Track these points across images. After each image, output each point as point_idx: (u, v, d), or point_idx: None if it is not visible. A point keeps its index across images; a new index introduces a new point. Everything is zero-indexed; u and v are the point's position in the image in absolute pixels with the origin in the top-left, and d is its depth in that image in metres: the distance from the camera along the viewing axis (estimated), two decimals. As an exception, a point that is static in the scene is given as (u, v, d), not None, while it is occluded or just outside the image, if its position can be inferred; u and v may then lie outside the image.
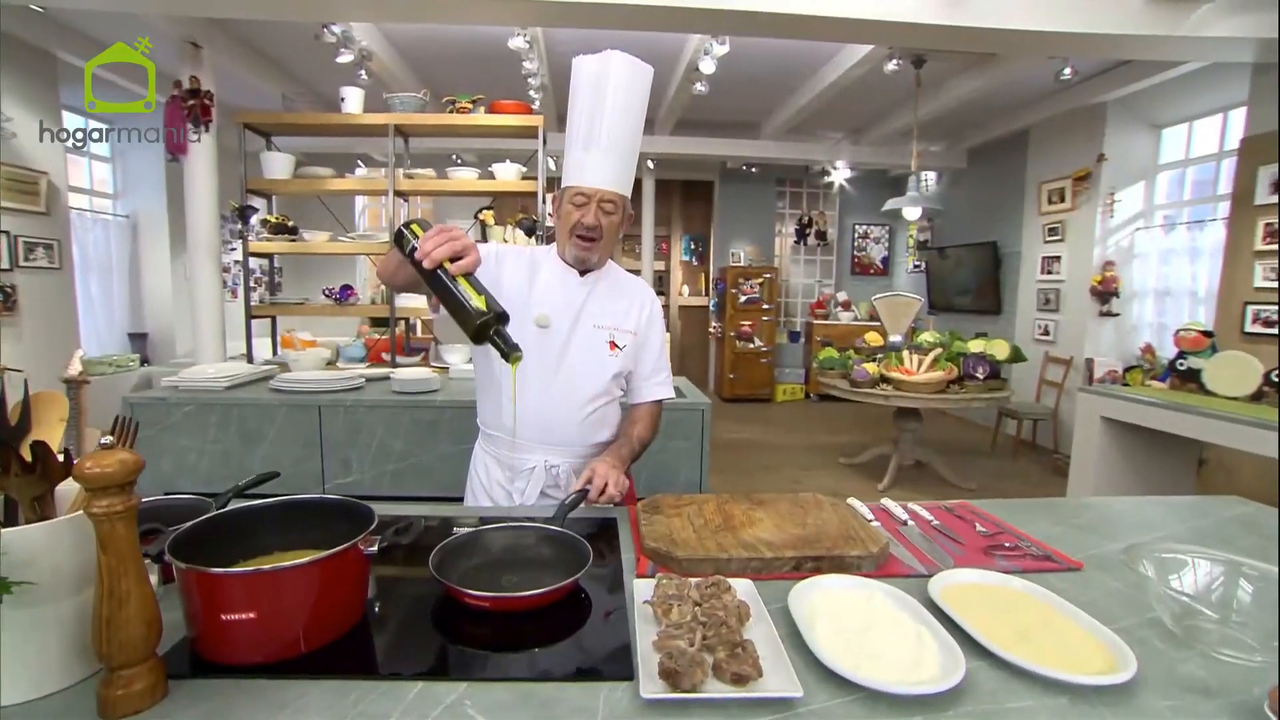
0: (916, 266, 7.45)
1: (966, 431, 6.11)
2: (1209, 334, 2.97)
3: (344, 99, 3.33)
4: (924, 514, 1.18)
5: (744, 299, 7.38)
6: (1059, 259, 5.17)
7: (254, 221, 3.29)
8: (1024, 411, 4.99)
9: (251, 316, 3.35)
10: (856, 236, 8.05)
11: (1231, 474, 3.69)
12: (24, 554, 0.60)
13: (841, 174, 7.12)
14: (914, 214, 4.70)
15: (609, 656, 0.72)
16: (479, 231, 3.84)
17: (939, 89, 4.76)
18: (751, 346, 7.37)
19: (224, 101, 3.64)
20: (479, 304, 0.93)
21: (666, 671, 0.65)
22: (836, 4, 2.86)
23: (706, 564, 0.93)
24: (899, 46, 3.75)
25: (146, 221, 5.20)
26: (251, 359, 3.37)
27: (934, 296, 6.83)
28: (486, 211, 3.64)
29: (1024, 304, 5.64)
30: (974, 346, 4.11)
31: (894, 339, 4.47)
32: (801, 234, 7.91)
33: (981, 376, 3.94)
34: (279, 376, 2.40)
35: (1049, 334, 5.31)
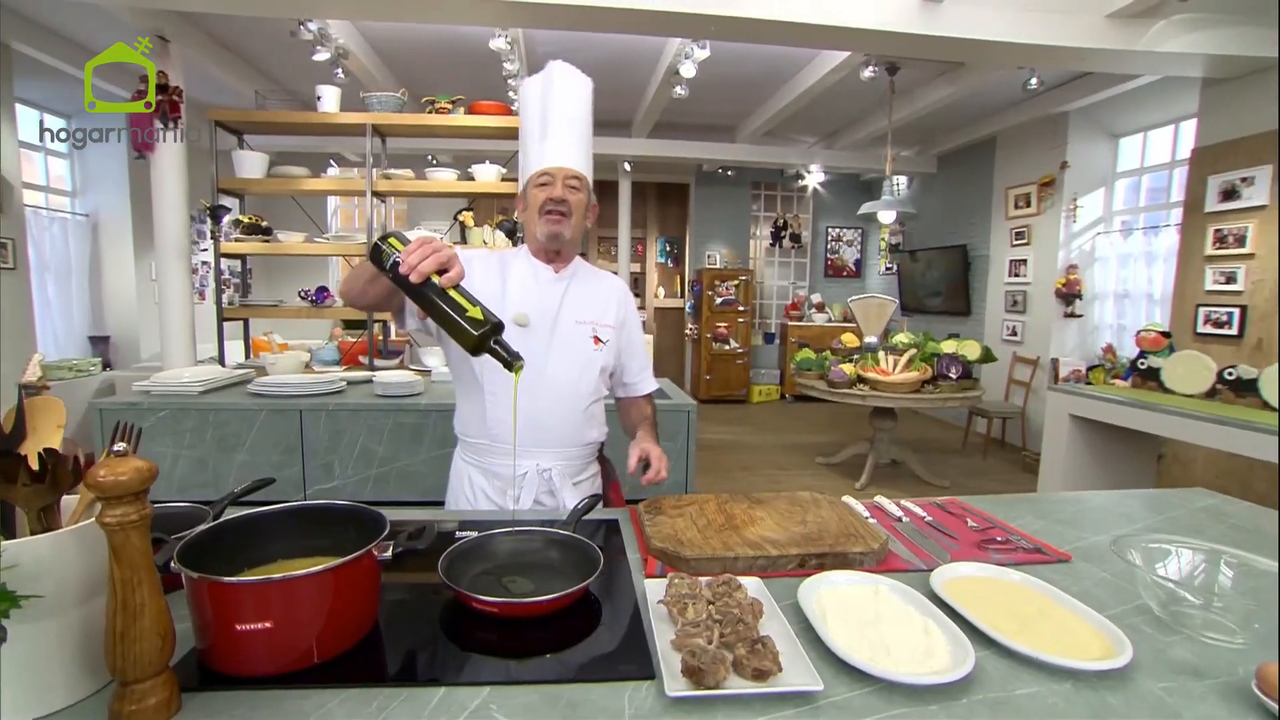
0: (888, 269, 7.62)
1: (938, 430, 6.27)
2: (1167, 334, 3.11)
3: (320, 97, 3.27)
4: (917, 510, 1.21)
5: (720, 301, 7.46)
6: (1025, 262, 5.35)
7: (226, 222, 3.20)
8: (994, 410, 5.13)
9: (224, 319, 3.26)
10: (830, 239, 8.19)
11: (1187, 467, 3.87)
12: (31, 566, 0.58)
13: (815, 178, 7.25)
14: (888, 217, 4.81)
15: (629, 657, 0.72)
16: (459, 233, 3.81)
17: (911, 96, 4.89)
18: (727, 348, 7.44)
19: (193, 99, 3.53)
20: (476, 315, 0.90)
21: (690, 669, 0.65)
22: (817, 11, 2.92)
23: (714, 563, 0.94)
24: (875, 54, 3.84)
25: (108, 221, 5.00)
26: (223, 362, 3.28)
27: (906, 298, 6.99)
28: (466, 213, 3.60)
29: (992, 306, 5.81)
30: (947, 347, 4.22)
31: (870, 340, 4.56)
32: (776, 237, 8.02)
33: (954, 376, 4.05)
34: (257, 380, 2.34)
35: (1016, 334, 5.49)
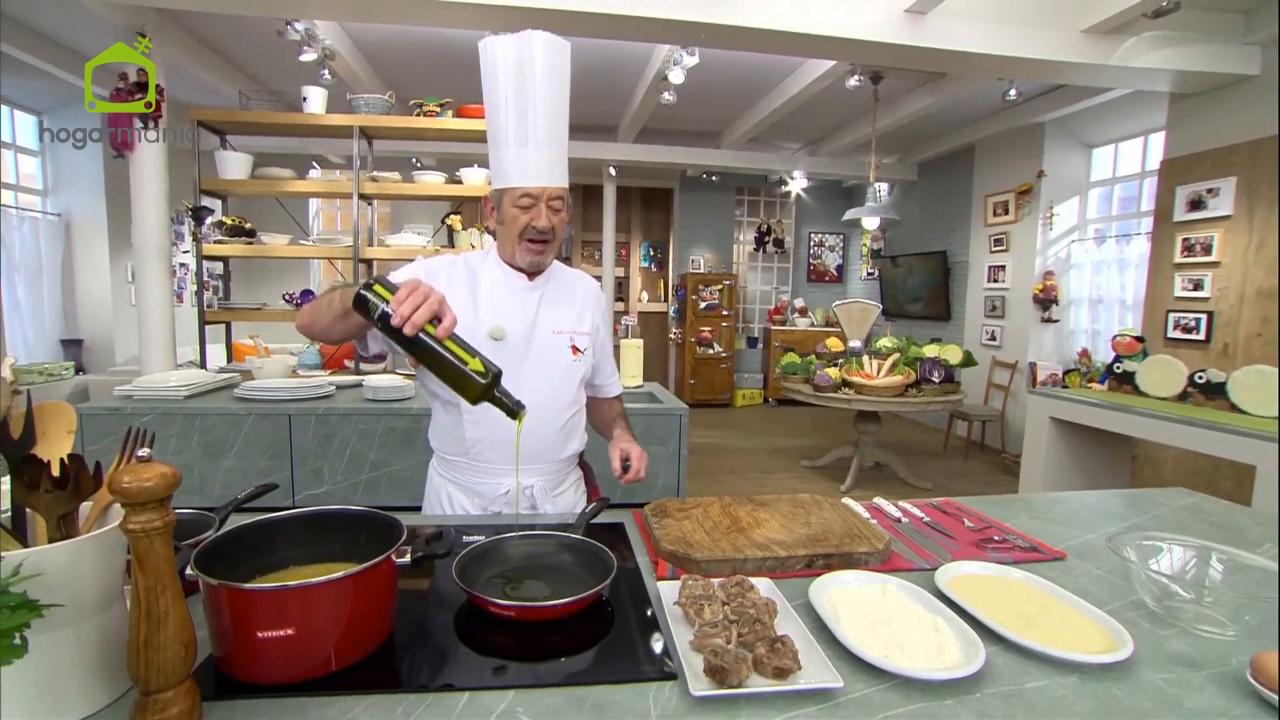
0: (870, 274, 7.74)
1: (920, 434, 6.37)
2: (1141, 339, 3.21)
3: (306, 98, 3.23)
4: (915, 511, 1.24)
5: (704, 305, 7.50)
6: (1004, 268, 5.47)
7: (208, 223, 3.15)
8: (974, 413, 5.24)
9: (205, 322, 3.20)
10: (812, 244, 8.30)
11: (1158, 467, 3.99)
12: (51, 574, 0.57)
13: (799, 184, 7.34)
14: (872, 224, 4.89)
15: (649, 658, 0.73)
16: (446, 236, 3.78)
17: (894, 104, 4.99)
18: (711, 352, 7.48)
19: (173, 98, 3.46)
20: (477, 367, 0.86)
21: (713, 669, 0.66)
22: (806, 20, 2.97)
23: (724, 564, 0.95)
24: (861, 63, 3.92)
25: (82, 221, 4.87)
26: (205, 366, 3.22)
27: (887, 303, 7.10)
28: (454, 216, 3.59)
29: (972, 311, 5.93)
30: (929, 351, 4.30)
31: (854, 344, 4.62)
32: (760, 242, 8.10)
33: (937, 380, 4.13)
34: (244, 385, 2.30)
35: (995, 339, 5.61)
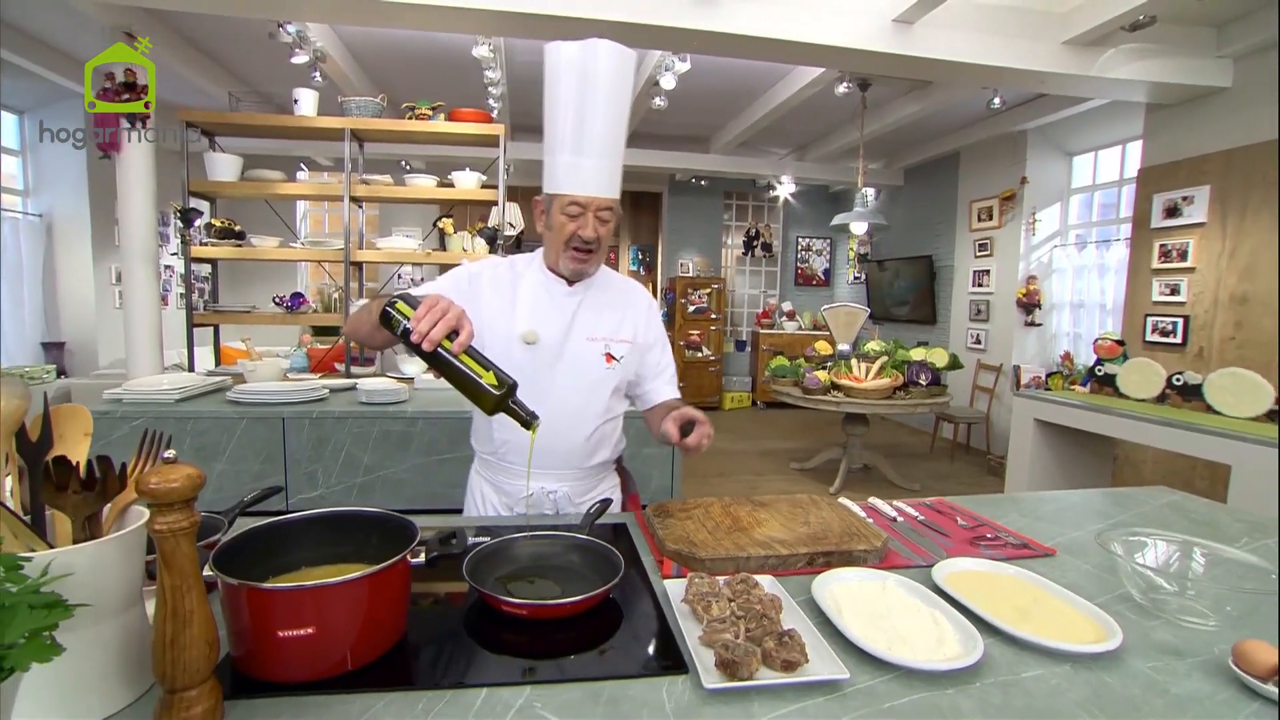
0: (857, 278, 7.83)
1: (907, 435, 6.45)
2: (1121, 342, 3.29)
3: (297, 101, 3.22)
4: (910, 511, 1.27)
5: (693, 309, 7.54)
6: (988, 273, 5.57)
7: (197, 225, 3.12)
8: (960, 416, 5.32)
9: (194, 325, 3.17)
10: (800, 249, 8.38)
11: (1138, 468, 4.08)
12: (79, 575, 0.58)
13: (786, 188, 7.41)
14: (860, 228, 4.95)
15: (660, 653, 0.75)
16: (438, 240, 3.78)
17: (881, 111, 5.06)
18: (700, 355, 7.52)
19: (161, 99, 3.43)
20: (490, 380, 0.90)
21: (724, 663, 0.69)
22: (797, 28, 3.02)
23: (728, 563, 0.97)
24: (849, 70, 3.98)
25: (64, 222, 4.79)
26: (192, 369, 3.19)
27: (874, 307, 7.19)
28: (446, 220, 3.59)
29: (957, 314, 6.03)
30: (916, 355, 4.37)
31: (842, 348, 4.68)
32: (748, 246, 8.16)
33: (924, 383, 4.19)
34: (236, 388, 2.29)
35: (980, 342, 5.70)
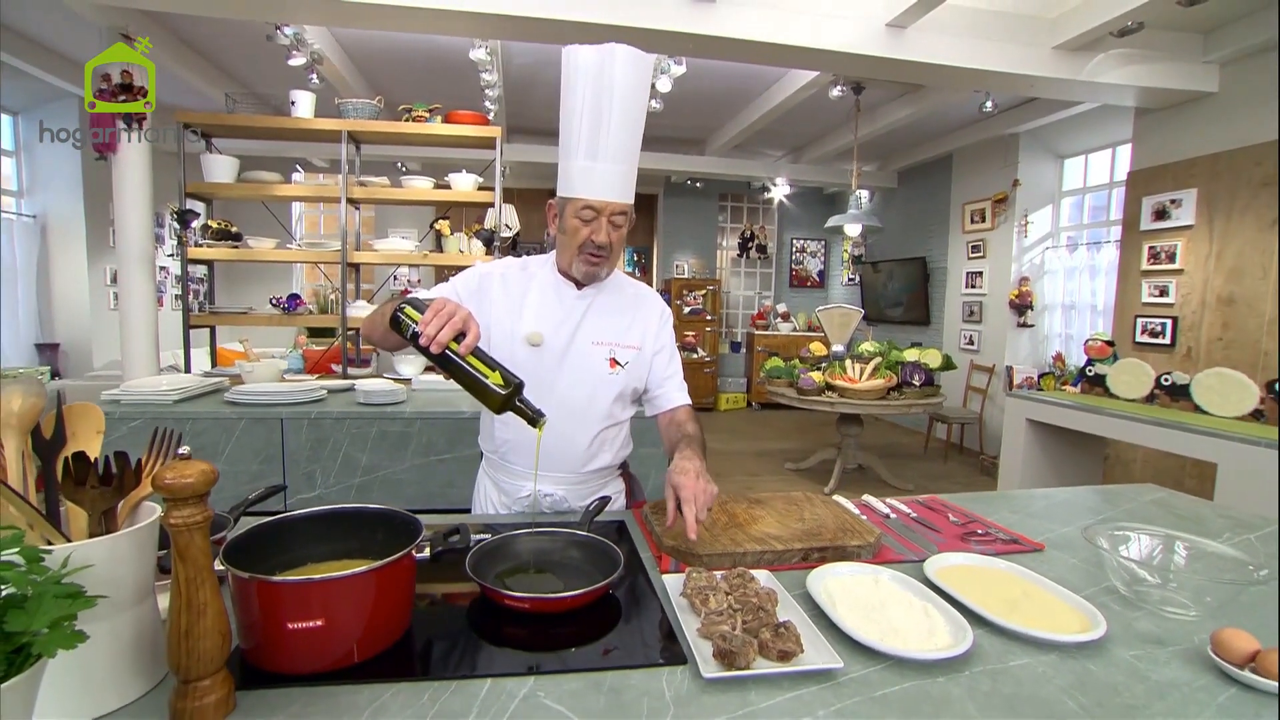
0: (851, 280, 7.87)
1: (900, 436, 6.49)
2: (1111, 343, 3.33)
3: (294, 102, 3.22)
4: (902, 507, 1.30)
5: (688, 310, 7.58)
6: (981, 274, 5.62)
7: (194, 227, 3.12)
8: (953, 416, 5.36)
9: (190, 326, 3.17)
10: (794, 250, 8.42)
11: (1128, 466, 4.13)
12: (97, 567, 0.59)
13: (781, 190, 7.45)
14: (854, 230, 4.99)
15: (660, 645, 0.77)
16: (434, 241, 3.80)
17: (875, 114, 5.11)
18: (695, 356, 7.55)
19: (158, 100, 3.43)
20: (496, 380, 0.93)
21: (722, 653, 0.71)
22: (791, 32, 3.06)
23: (725, 558, 0.99)
24: (843, 74, 4.02)
25: (59, 223, 4.77)
26: (189, 370, 3.19)
27: (868, 308, 7.23)
28: (443, 221, 3.60)
29: (950, 315, 6.08)
30: (910, 355, 4.41)
31: (837, 349, 4.71)
32: (743, 247, 8.20)
33: (918, 383, 4.23)
34: (234, 389, 2.29)
35: (973, 343, 5.75)
